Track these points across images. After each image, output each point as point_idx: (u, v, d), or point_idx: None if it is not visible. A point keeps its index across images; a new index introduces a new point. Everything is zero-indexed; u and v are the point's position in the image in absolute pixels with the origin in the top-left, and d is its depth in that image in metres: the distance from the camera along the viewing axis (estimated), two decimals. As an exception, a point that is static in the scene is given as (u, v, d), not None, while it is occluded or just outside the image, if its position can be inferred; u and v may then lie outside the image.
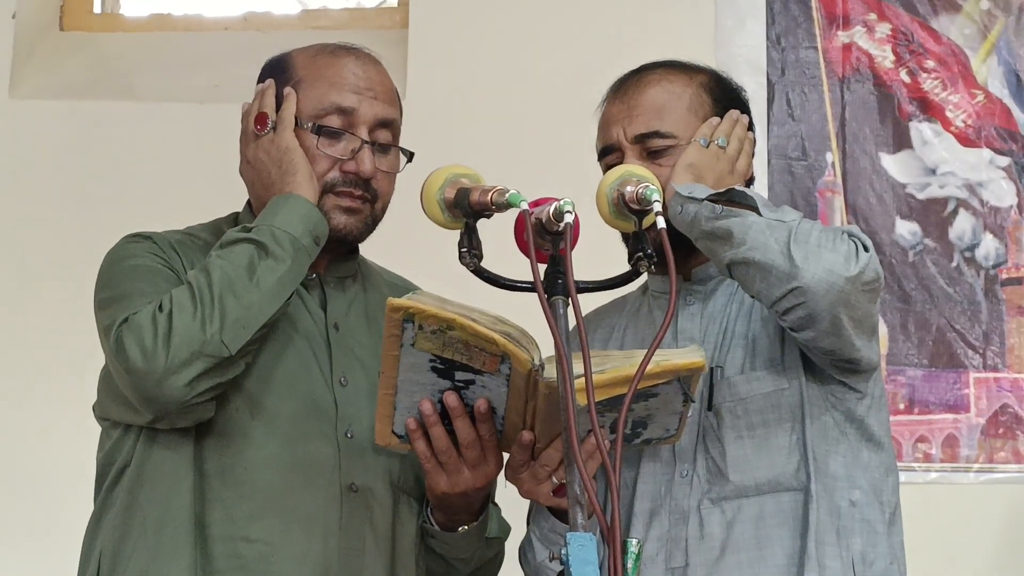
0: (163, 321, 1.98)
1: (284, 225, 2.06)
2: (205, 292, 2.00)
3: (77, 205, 3.59)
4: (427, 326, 1.89)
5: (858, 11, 3.61)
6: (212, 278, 2.01)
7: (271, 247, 2.04)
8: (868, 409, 2.17)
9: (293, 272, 2.06)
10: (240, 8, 4.00)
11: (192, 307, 1.99)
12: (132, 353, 1.98)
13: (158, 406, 2.01)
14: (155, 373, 1.97)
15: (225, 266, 2.03)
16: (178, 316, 1.98)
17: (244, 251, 2.04)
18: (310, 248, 2.08)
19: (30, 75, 3.76)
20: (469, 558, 2.22)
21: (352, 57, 2.20)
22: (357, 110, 2.15)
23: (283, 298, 2.05)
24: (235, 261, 2.03)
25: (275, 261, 2.04)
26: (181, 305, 1.99)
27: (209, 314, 1.99)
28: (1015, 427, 3.43)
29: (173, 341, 1.97)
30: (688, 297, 2.25)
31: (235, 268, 2.02)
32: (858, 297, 2.03)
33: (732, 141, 2.21)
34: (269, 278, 2.03)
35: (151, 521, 2.06)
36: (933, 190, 3.54)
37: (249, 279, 2.02)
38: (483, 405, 1.97)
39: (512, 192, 1.89)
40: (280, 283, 2.04)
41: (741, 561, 2.09)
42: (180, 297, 2.00)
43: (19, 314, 3.57)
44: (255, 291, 2.02)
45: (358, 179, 2.14)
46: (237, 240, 2.06)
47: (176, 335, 1.97)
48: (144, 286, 2.08)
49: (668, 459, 2.17)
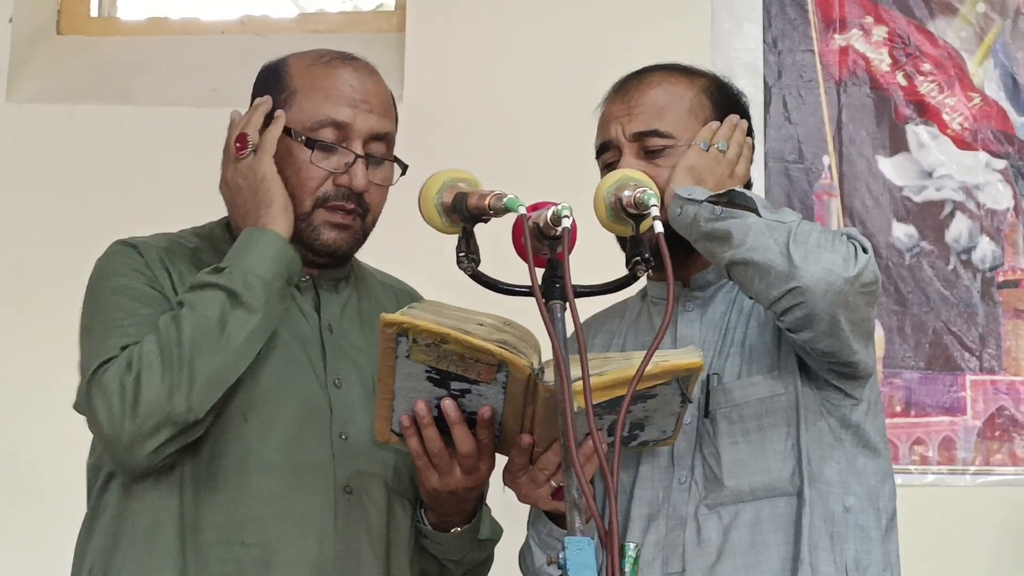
0: (131, 386, 1.97)
1: (257, 267, 2.04)
2: (174, 352, 1.98)
3: (75, 209, 3.58)
4: (421, 340, 1.89)
5: (854, 14, 3.61)
6: (182, 335, 1.99)
7: (243, 296, 2.02)
8: (864, 415, 2.18)
9: (264, 324, 2.04)
10: (237, 12, 4.00)
11: (160, 369, 1.97)
12: (101, 417, 2.00)
13: (124, 468, 2.04)
14: (121, 442, 1.99)
15: (196, 321, 2.00)
16: (146, 381, 1.97)
17: (215, 300, 2.01)
18: (282, 291, 2.06)
19: (27, 79, 3.76)
20: (461, 560, 2.22)
21: (349, 68, 2.18)
22: (352, 124, 2.14)
23: (253, 354, 2.03)
24: (206, 312, 2.01)
25: (246, 312, 2.02)
26: (150, 365, 1.98)
27: (177, 379, 1.97)
28: (1011, 429, 3.43)
29: (140, 410, 1.97)
30: (687, 303, 2.25)
31: (206, 322, 2.00)
32: (856, 299, 2.03)
33: (732, 145, 2.22)
34: (240, 334, 2.01)
35: (142, 528, 2.06)
36: (930, 193, 3.54)
37: (220, 335, 2.00)
38: (487, 412, 1.96)
39: (510, 196, 1.88)
40: (251, 338, 2.02)
41: (737, 566, 2.10)
42: (149, 355, 1.98)
43: (17, 317, 3.57)
44: (225, 350, 2.00)
45: (351, 193, 2.14)
46: (208, 284, 2.03)
47: (143, 404, 1.97)
48: (122, 317, 2.06)
49: (666, 465, 2.17)
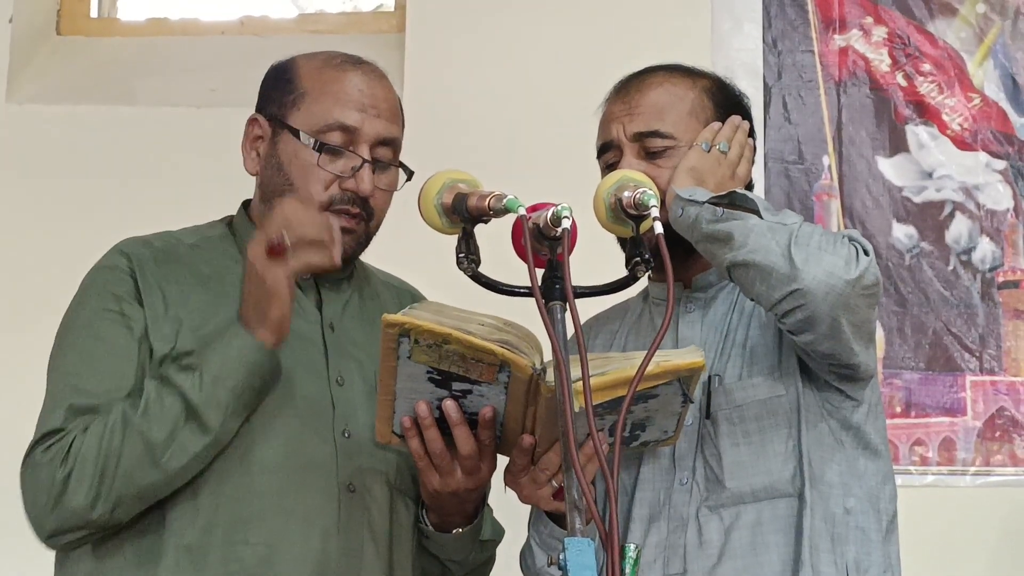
0: (59, 484, 1.98)
1: (230, 375, 1.99)
2: (110, 463, 1.97)
3: (75, 209, 3.58)
4: (423, 340, 1.89)
5: (854, 15, 3.61)
6: (124, 447, 1.98)
7: (201, 413, 1.98)
8: (865, 417, 2.18)
9: (214, 445, 2.01)
10: (237, 12, 3.99)
11: (91, 475, 1.97)
12: (26, 500, 2.03)
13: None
14: (41, 530, 2.03)
15: (143, 435, 1.97)
16: (75, 484, 1.98)
17: (171, 412, 1.98)
18: (249, 404, 2.03)
19: (27, 80, 3.75)
20: (463, 561, 2.23)
21: (359, 72, 2.18)
22: (360, 128, 2.14)
23: (191, 475, 2.01)
24: (156, 427, 1.98)
25: (199, 432, 1.99)
26: (82, 467, 1.98)
27: (106, 492, 1.98)
28: (1011, 430, 3.43)
29: (62, 512, 1.99)
30: (688, 304, 2.25)
31: (151, 440, 1.97)
32: (858, 301, 2.03)
33: (733, 147, 2.22)
34: (182, 457, 1.99)
35: (143, 525, 2.05)
36: (930, 193, 3.54)
37: (162, 456, 1.97)
38: (488, 412, 1.96)
39: (510, 197, 1.89)
40: (194, 460, 2.00)
41: (738, 567, 2.10)
42: (86, 457, 1.98)
43: (17, 318, 3.56)
44: (163, 473, 1.99)
45: (356, 197, 2.14)
46: (173, 386, 2.00)
47: (66, 508, 1.99)
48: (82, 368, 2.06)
49: (667, 467, 2.17)
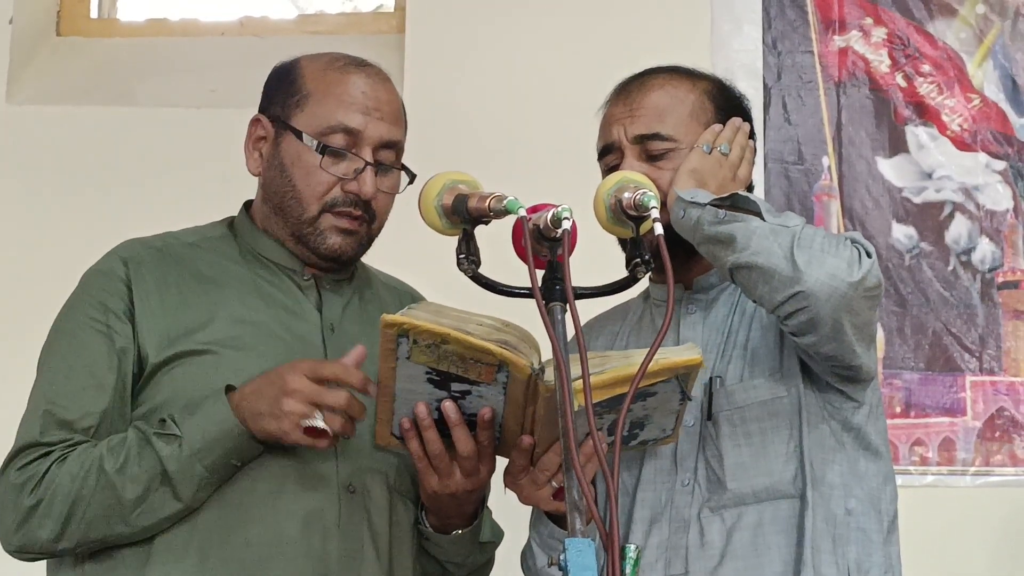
0: (25, 510, 2.01)
1: (209, 451, 1.99)
2: (79, 506, 2.00)
3: (75, 210, 3.58)
4: (422, 340, 1.89)
5: (854, 15, 3.61)
6: (95, 495, 2.00)
7: (176, 483, 2.00)
8: (866, 418, 2.18)
9: (183, 510, 2.02)
10: (236, 13, 3.99)
11: (59, 512, 2.00)
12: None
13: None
14: (7, 544, 2.06)
15: (117, 489, 1.99)
16: (41, 517, 2.01)
17: (146, 474, 1.99)
18: (224, 476, 2.03)
19: (27, 81, 3.75)
20: (462, 562, 2.23)
21: (363, 75, 2.19)
22: (363, 131, 2.15)
23: (159, 529, 2.02)
24: (130, 486, 1.99)
25: (171, 498, 2.00)
26: (51, 503, 2.00)
27: (71, 532, 2.01)
28: (1011, 430, 3.43)
29: (25, 537, 2.03)
30: (689, 306, 2.25)
31: (122, 496, 1.99)
32: (860, 303, 2.03)
33: (734, 148, 2.21)
34: (150, 517, 2.01)
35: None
36: (929, 194, 3.54)
37: (131, 513, 2.00)
38: (487, 413, 1.96)
39: (510, 198, 1.89)
40: (162, 521, 2.02)
41: (739, 568, 2.10)
42: (57, 493, 2.00)
43: (18, 319, 3.56)
44: (130, 526, 2.01)
45: (358, 199, 2.14)
46: (153, 449, 2.00)
47: (29, 534, 2.02)
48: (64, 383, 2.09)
49: (669, 468, 2.17)
